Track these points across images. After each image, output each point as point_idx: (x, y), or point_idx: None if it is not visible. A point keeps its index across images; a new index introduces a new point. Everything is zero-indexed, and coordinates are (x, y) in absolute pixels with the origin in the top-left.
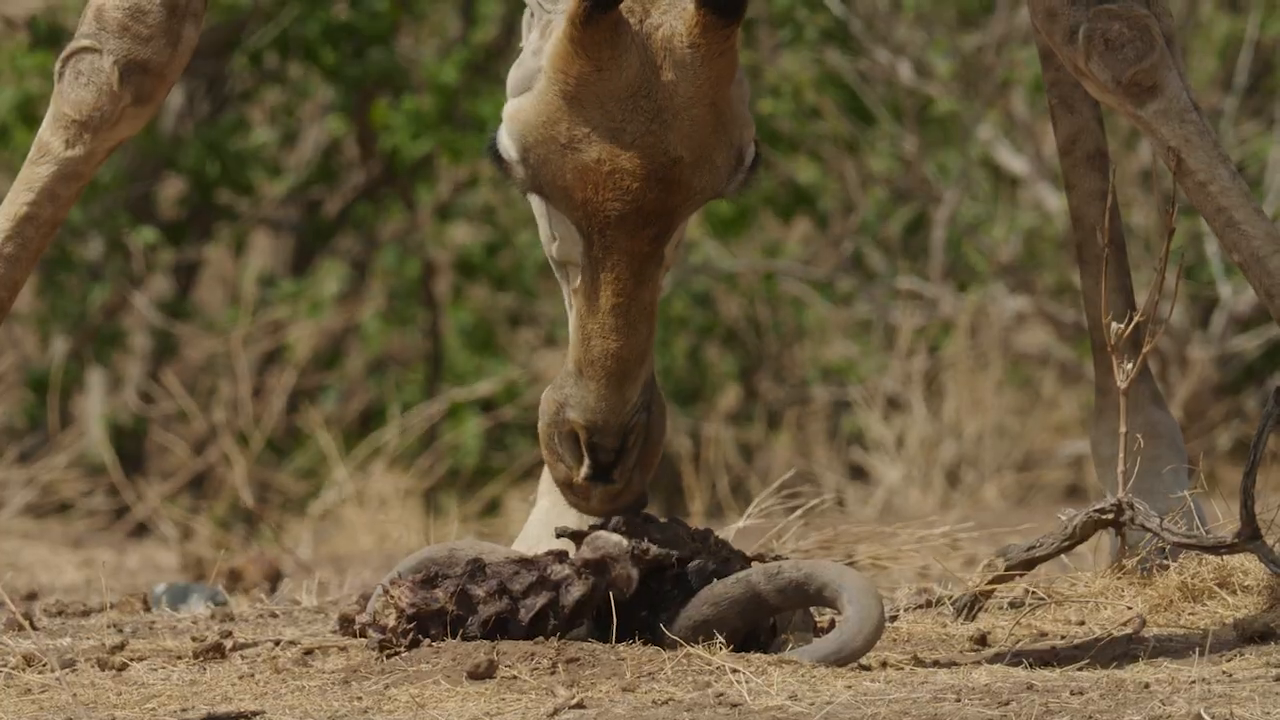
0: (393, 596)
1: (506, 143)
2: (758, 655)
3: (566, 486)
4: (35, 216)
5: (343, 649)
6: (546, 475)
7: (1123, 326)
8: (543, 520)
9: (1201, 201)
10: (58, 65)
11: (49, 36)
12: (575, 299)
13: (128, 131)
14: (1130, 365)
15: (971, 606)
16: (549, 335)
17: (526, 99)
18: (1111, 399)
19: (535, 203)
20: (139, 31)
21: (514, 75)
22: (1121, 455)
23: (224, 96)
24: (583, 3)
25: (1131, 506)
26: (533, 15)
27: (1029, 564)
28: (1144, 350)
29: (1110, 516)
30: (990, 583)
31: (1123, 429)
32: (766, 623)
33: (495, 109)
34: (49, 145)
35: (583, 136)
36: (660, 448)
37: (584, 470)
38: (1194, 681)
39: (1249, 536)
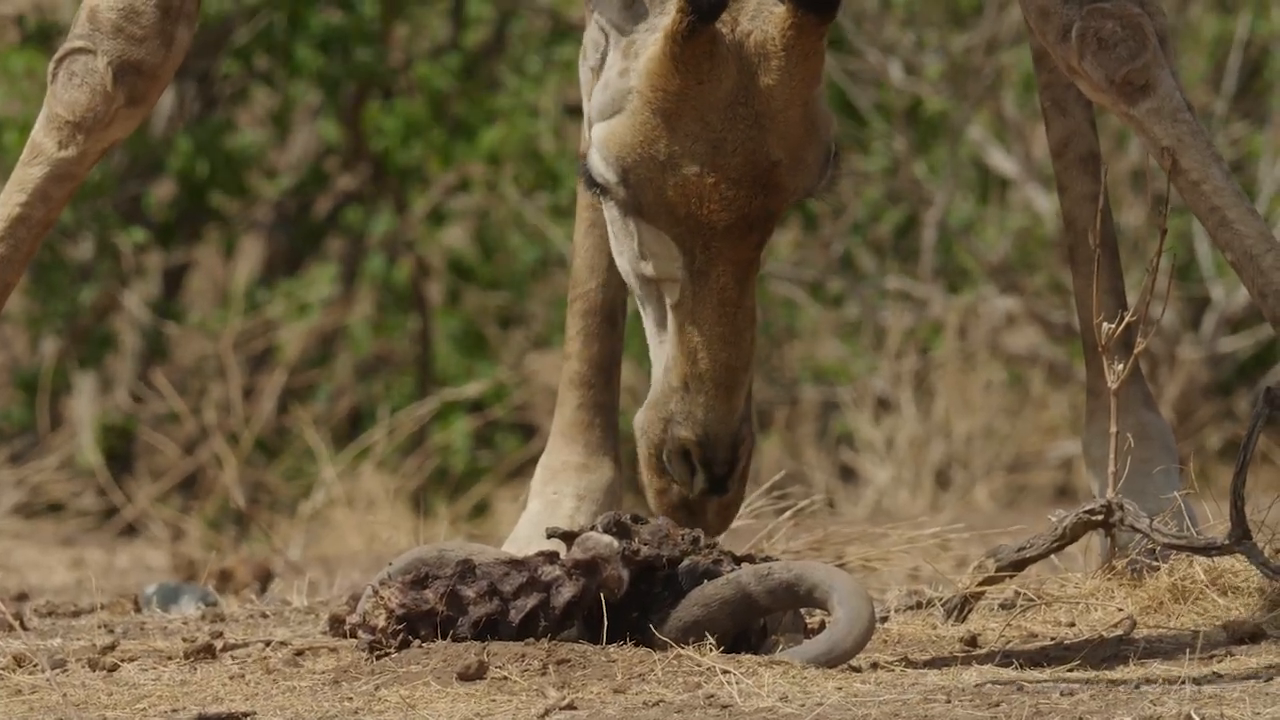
0: (383, 597)
1: (601, 167)
2: (748, 656)
3: (679, 507)
4: (28, 218)
5: (333, 650)
6: (538, 476)
7: (1114, 327)
8: (533, 521)
9: (1194, 201)
10: (51, 66)
11: (38, 34)
12: (674, 315)
13: (121, 133)
14: (1121, 366)
15: (961, 608)
16: (539, 337)
17: (620, 120)
18: (1103, 400)
19: (618, 225)
20: (133, 33)
21: (598, 99)
22: (1112, 456)
23: (213, 97)
24: (685, 18)
25: (1121, 508)
26: (605, 38)
27: (1019, 565)
28: (1135, 351)
29: (1100, 518)
30: (980, 584)
31: (1113, 430)
32: (757, 624)
33: (485, 113)
34: (42, 146)
35: (684, 151)
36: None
37: (699, 484)
38: (1184, 682)
39: (1239, 538)
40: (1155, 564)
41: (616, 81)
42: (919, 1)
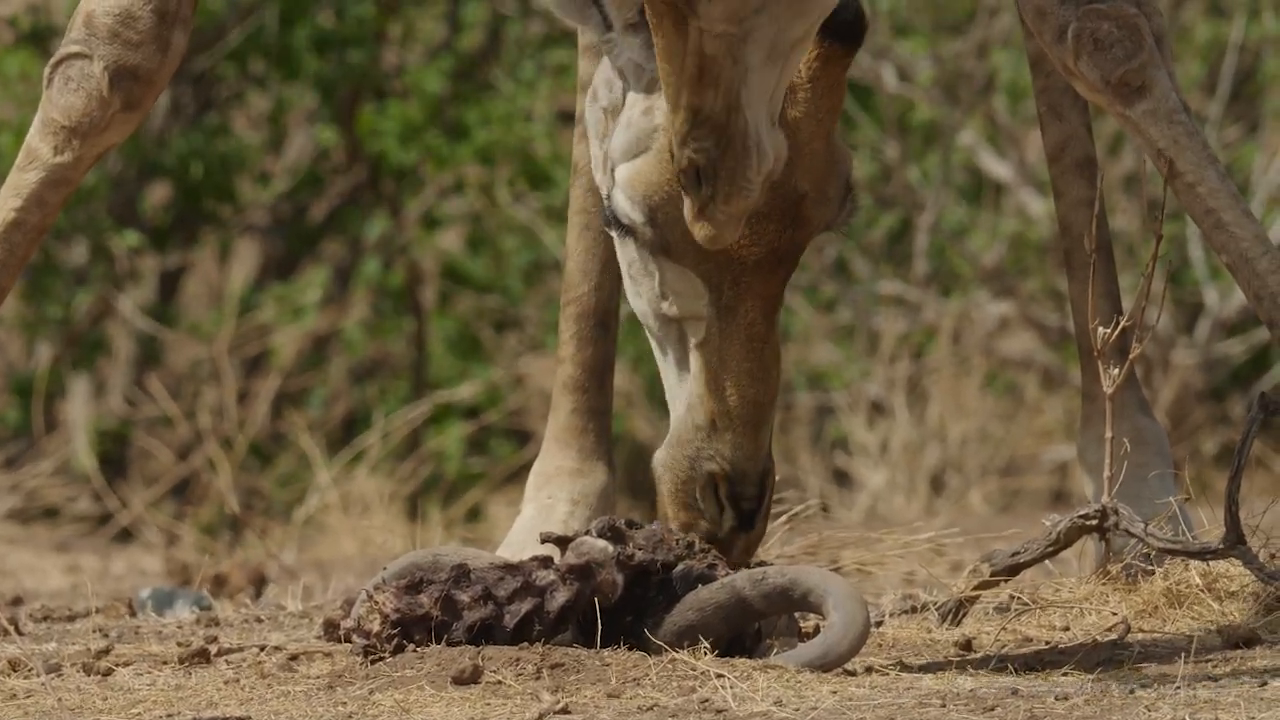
0: (377, 602)
1: (628, 207)
2: (743, 661)
3: (707, 541)
4: (23, 222)
5: (327, 654)
6: (532, 481)
7: (1109, 332)
8: (527, 526)
9: (1190, 202)
10: (46, 71)
11: (32, 36)
12: (700, 353)
13: (116, 138)
14: (1117, 371)
15: (956, 612)
16: (533, 340)
17: (646, 160)
18: (1098, 405)
19: (638, 265)
20: (129, 38)
21: (621, 139)
22: (1108, 461)
23: (208, 101)
24: None
25: (1116, 512)
26: (622, 77)
27: (1014, 569)
28: (1131, 356)
29: (1095, 522)
30: (975, 588)
31: (1109, 435)
32: (751, 628)
33: (480, 116)
34: (37, 151)
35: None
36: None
37: (728, 521)
38: (1179, 687)
39: (1234, 542)
40: (1150, 568)
41: (640, 120)
42: (909, 8)
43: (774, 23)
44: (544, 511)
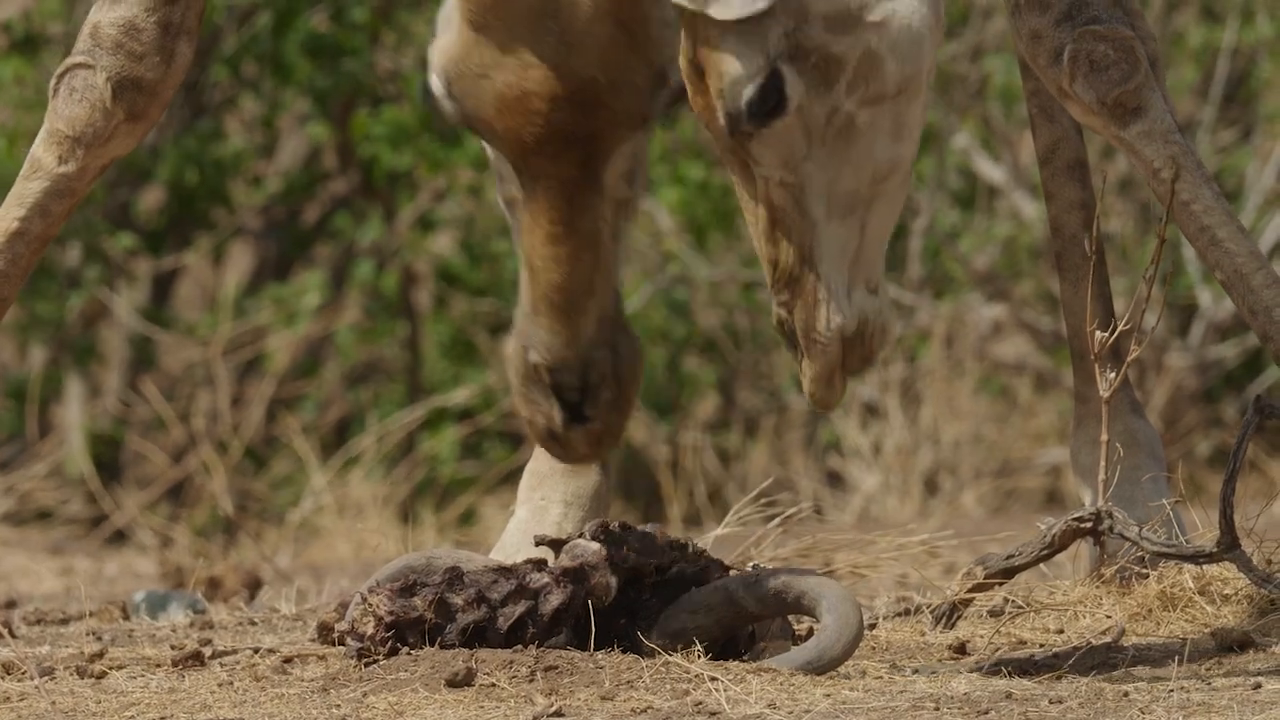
0: (371, 604)
1: (434, 80)
2: (736, 663)
3: (549, 439)
4: (25, 232)
5: (321, 657)
6: (525, 483)
7: (1106, 335)
8: (521, 528)
9: (1184, 220)
10: (52, 82)
11: (26, 42)
12: (519, 237)
13: (121, 149)
14: (1113, 375)
15: (950, 615)
16: None
17: (447, 34)
18: (1091, 408)
19: (489, 153)
20: (133, 49)
21: (440, 14)
22: (1102, 464)
23: (201, 105)
24: None
25: (1110, 515)
26: None
27: (1008, 572)
28: (1127, 360)
29: (1089, 525)
30: (969, 591)
31: (1104, 438)
32: (745, 631)
33: None
34: (41, 161)
35: (494, 63)
36: (635, 388)
37: (556, 413)
38: (1173, 690)
39: (1228, 546)
40: (1144, 571)
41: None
42: None
43: (823, 171)
44: (538, 513)
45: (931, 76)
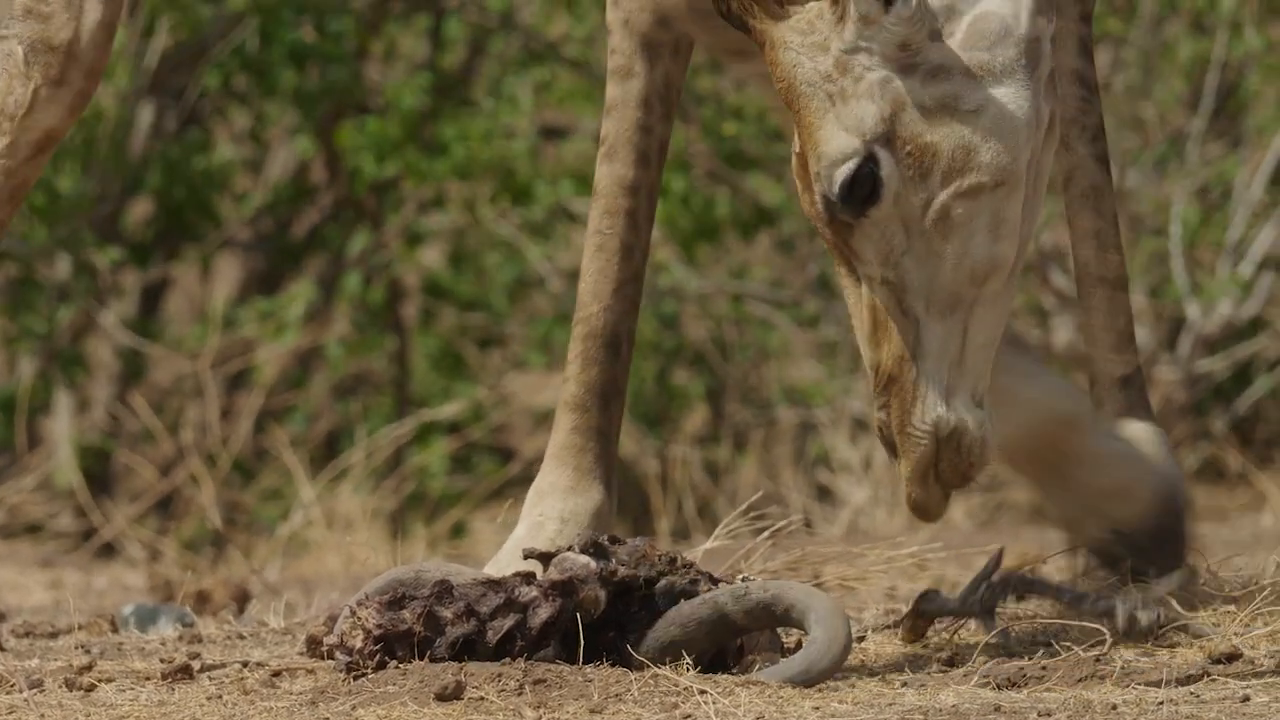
0: (360, 618)
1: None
2: (725, 676)
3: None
4: None
5: (310, 670)
6: (528, 500)
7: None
8: (517, 544)
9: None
10: None
11: None
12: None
13: (49, 119)
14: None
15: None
16: (517, 357)
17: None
18: None
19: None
20: (40, 11)
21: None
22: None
23: (189, 116)
24: None
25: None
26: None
27: (942, 614)
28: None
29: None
30: (908, 632)
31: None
32: (734, 644)
33: (457, 132)
34: None
35: None
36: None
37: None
38: (1161, 703)
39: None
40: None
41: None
42: None
43: (922, 267)
44: (534, 529)
45: (1036, 176)
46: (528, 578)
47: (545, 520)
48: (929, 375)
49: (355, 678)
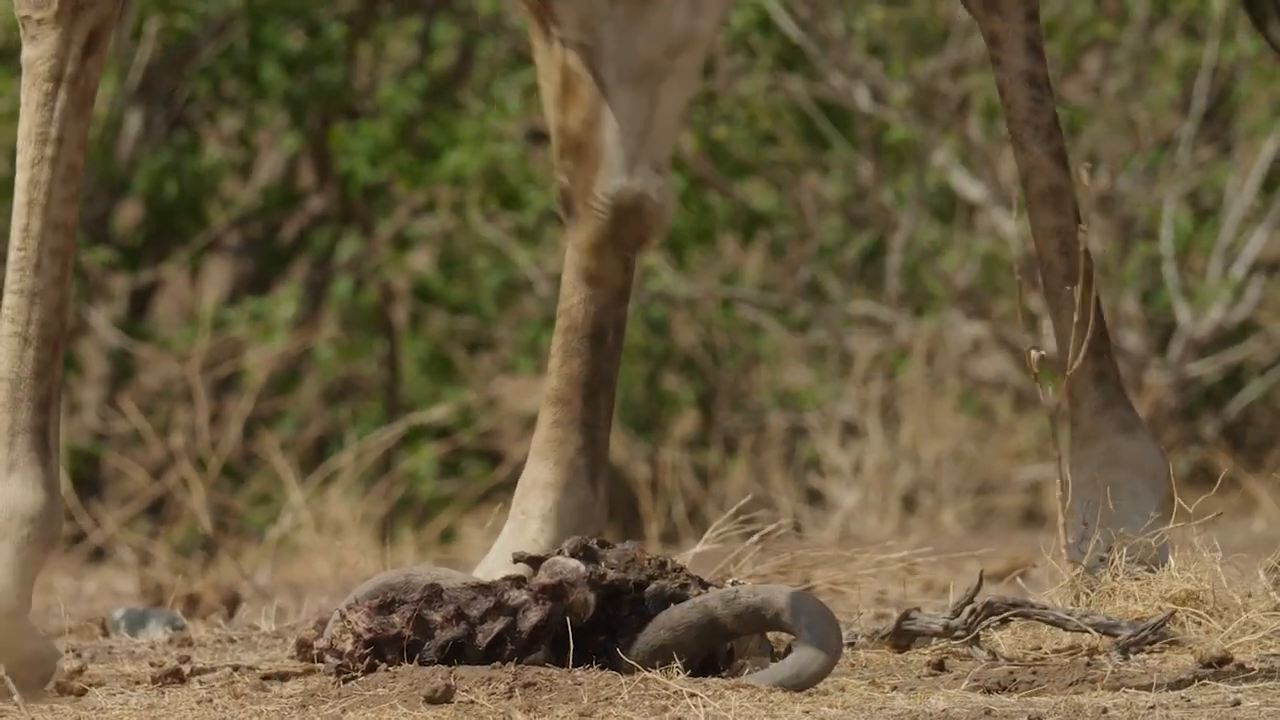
0: (350, 621)
1: None
2: (715, 680)
3: None
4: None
5: (300, 674)
6: (516, 494)
7: (1041, 353)
8: (503, 545)
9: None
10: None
11: (3, 55)
12: None
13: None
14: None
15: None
16: (507, 361)
17: None
18: (1080, 430)
19: None
20: None
21: None
22: (1058, 482)
23: (179, 119)
24: None
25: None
26: None
27: (925, 635)
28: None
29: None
30: (893, 646)
31: (1056, 452)
32: (724, 648)
33: (447, 137)
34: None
35: None
36: None
37: None
38: (1152, 707)
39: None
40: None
41: None
42: (884, 29)
43: (618, 34)
44: (517, 529)
45: None
46: (517, 581)
47: (528, 519)
48: (615, 142)
49: (345, 681)
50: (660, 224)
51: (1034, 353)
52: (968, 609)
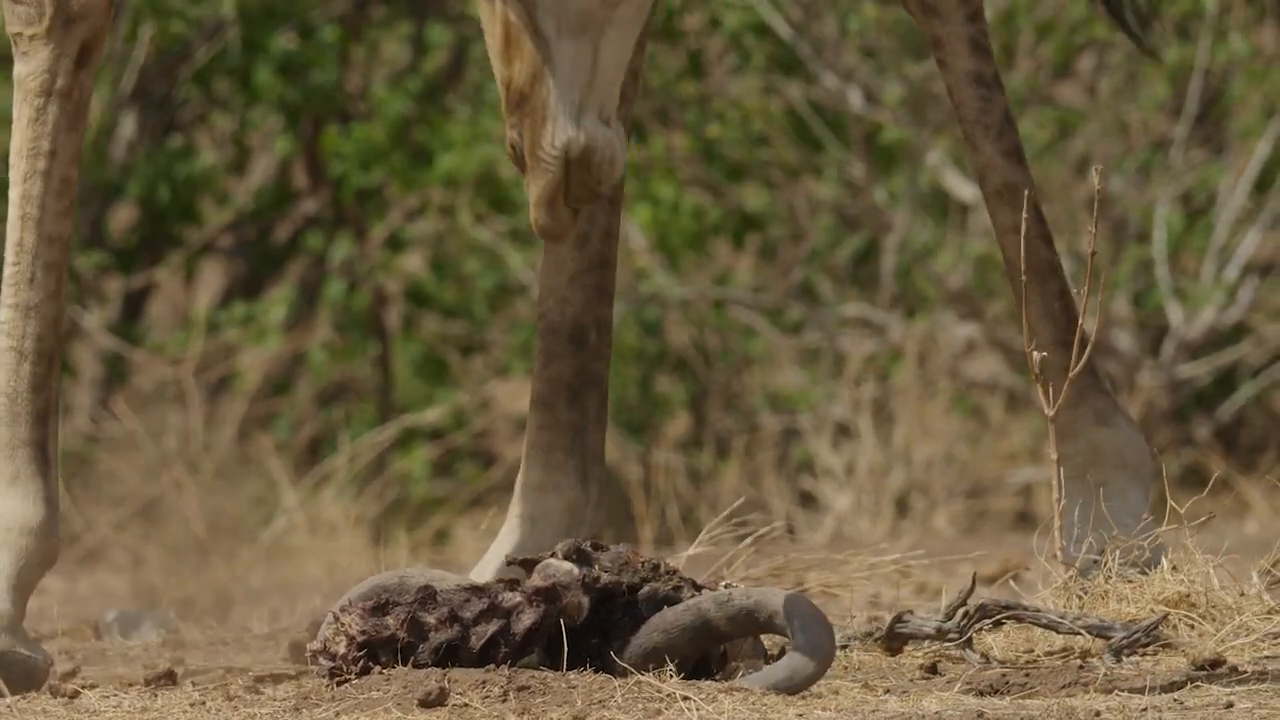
0: (343, 624)
1: None
2: (708, 683)
3: None
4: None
5: (294, 676)
6: (514, 495)
7: (1042, 355)
8: (497, 547)
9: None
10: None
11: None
12: None
13: (86, 31)
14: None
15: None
16: (499, 364)
17: None
18: (1056, 426)
19: None
20: None
21: None
22: (1055, 483)
23: (172, 122)
24: None
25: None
26: None
27: (917, 639)
28: (1072, 373)
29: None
30: (889, 650)
31: (1053, 455)
32: (717, 650)
33: (440, 141)
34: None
35: None
36: None
37: None
38: (1145, 709)
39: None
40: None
41: None
42: (876, 30)
43: None
44: (510, 532)
45: None
46: (511, 584)
47: (520, 521)
48: (560, 95)
49: (339, 683)
50: (610, 175)
51: (1035, 354)
52: (960, 611)
